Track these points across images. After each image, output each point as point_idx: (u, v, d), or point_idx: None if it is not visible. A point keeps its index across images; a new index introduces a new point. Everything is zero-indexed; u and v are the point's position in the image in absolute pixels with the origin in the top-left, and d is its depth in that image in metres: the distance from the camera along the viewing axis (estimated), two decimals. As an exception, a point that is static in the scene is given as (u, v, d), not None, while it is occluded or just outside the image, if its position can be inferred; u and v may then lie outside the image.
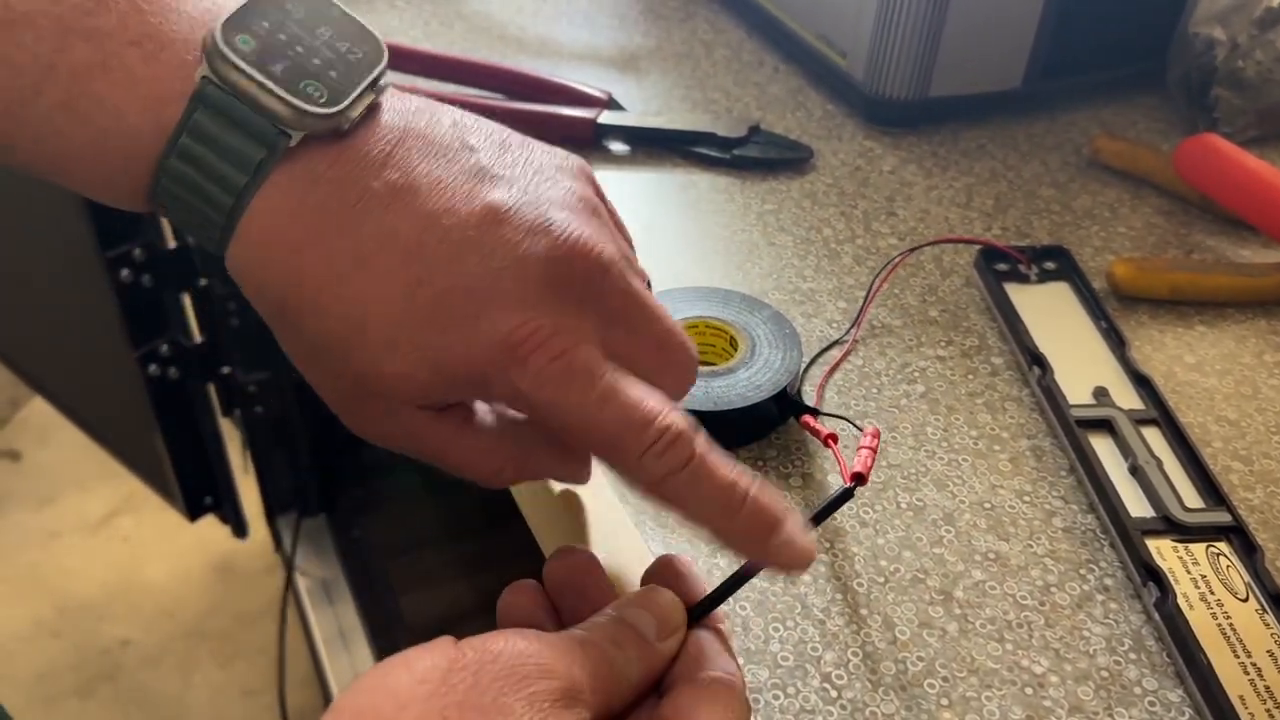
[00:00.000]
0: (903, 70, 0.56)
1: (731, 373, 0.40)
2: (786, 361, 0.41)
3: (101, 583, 1.40)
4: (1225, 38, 0.58)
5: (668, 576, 0.30)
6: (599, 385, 0.28)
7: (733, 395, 0.39)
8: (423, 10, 0.67)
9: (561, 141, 0.33)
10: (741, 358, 0.41)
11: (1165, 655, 0.34)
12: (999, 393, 0.43)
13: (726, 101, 0.60)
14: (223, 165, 0.27)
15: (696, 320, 0.43)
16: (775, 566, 0.29)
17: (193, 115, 0.26)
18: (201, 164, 0.27)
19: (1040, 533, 0.38)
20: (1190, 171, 0.53)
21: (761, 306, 0.43)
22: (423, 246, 0.27)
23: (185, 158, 0.27)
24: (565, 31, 0.66)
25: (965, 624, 0.34)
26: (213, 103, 0.26)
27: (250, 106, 0.26)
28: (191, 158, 0.27)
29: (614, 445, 0.28)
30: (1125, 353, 0.44)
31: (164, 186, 0.27)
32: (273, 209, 0.27)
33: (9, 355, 1.08)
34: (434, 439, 0.30)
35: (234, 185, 0.27)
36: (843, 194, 0.54)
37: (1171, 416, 0.41)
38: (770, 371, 0.40)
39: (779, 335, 0.42)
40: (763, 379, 0.40)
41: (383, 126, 0.28)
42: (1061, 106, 0.62)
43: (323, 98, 0.27)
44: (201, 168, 0.27)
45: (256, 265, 0.28)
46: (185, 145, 0.27)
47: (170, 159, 0.27)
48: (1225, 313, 0.48)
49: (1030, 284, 0.47)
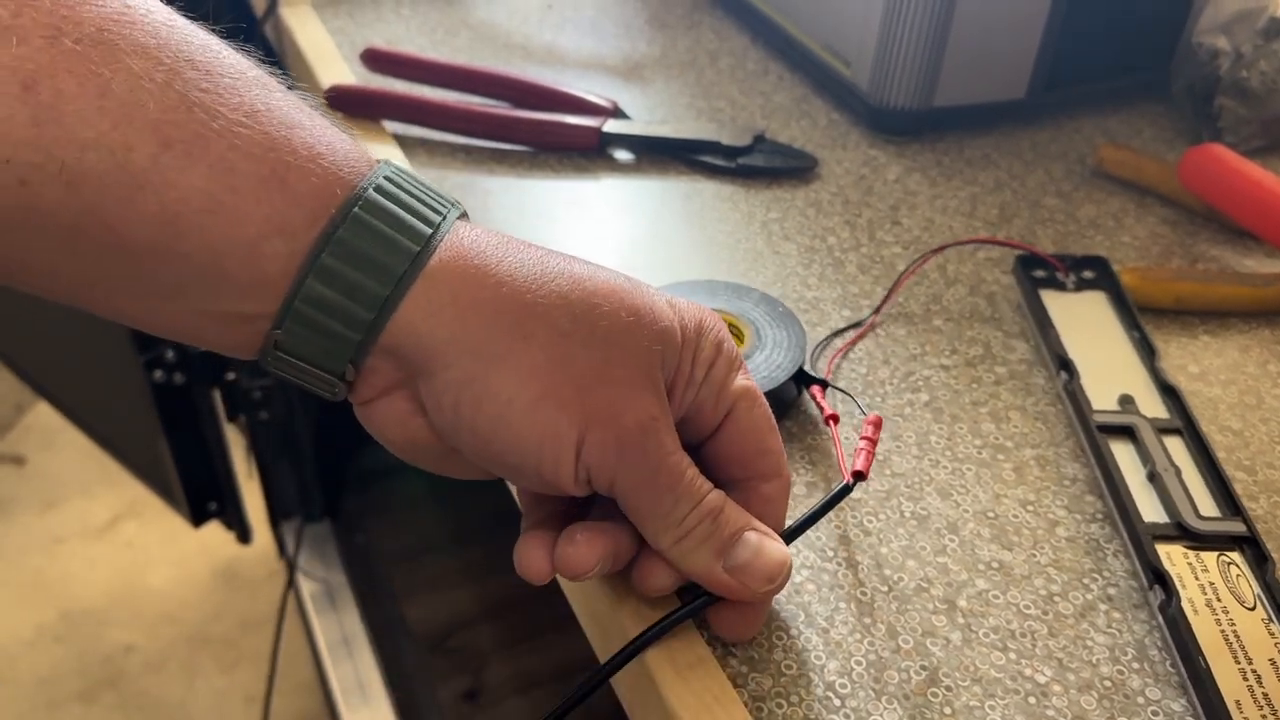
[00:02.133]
0: (907, 79, 0.57)
1: (748, 358, 0.41)
2: (793, 337, 0.42)
3: (105, 588, 1.40)
4: (1230, 48, 0.58)
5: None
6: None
7: (761, 379, 0.40)
8: (429, 19, 0.67)
9: (567, 150, 0.34)
10: (751, 343, 0.42)
11: (1169, 665, 0.34)
12: (1003, 402, 0.43)
13: (731, 110, 0.61)
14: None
15: (721, 314, 0.43)
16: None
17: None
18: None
19: (1044, 542, 0.38)
20: (1195, 181, 0.53)
21: (747, 291, 0.44)
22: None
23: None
24: (570, 40, 0.67)
25: (969, 633, 0.34)
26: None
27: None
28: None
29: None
30: (1155, 363, 0.44)
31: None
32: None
33: (14, 360, 1.09)
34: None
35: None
36: (847, 203, 0.54)
37: (1195, 427, 0.41)
38: (781, 350, 0.41)
39: (776, 315, 0.43)
40: (779, 358, 0.41)
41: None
42: (1066, 116, 0.62)
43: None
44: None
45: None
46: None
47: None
48: (1229, 322, 0.48)
49: (1067, 291, 0.48)
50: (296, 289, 0.28)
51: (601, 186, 0.54)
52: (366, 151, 0.30)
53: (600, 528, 0.32)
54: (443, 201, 0.31)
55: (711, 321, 0.33)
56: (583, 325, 0.30)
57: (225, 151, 0.27)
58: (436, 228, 0.30)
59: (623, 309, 0.31)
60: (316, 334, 0.29)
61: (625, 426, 0.30)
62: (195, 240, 0.27)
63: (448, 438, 0.31)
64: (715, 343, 0.33)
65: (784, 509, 0.34)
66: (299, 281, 0.28)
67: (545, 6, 0.70)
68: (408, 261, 0.29)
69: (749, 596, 0.32)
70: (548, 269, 0.31)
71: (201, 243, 0.27)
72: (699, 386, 0.33)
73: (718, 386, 0.33)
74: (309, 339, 0.29)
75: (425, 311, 0.29)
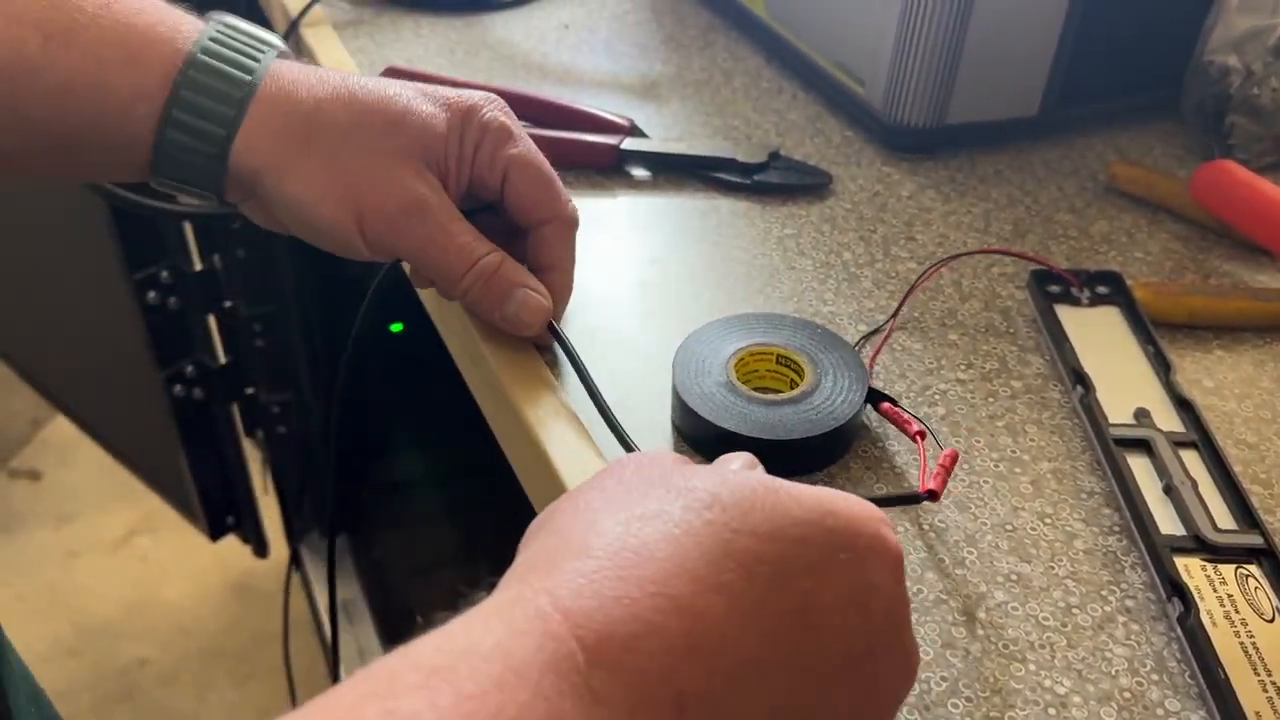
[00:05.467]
0: (920, 97, 0.57)
1: (816, 390, 0.41)
2: (846, 359, 0.42)
3: (119, 602, 1.41)
4: (1240, 65, 0.58)
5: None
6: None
7: (841, 406, 0.40)
8: (448, 39, 0.68)
9: (585, 167, 0.35)
10: (812, 376, 0.42)
11: (1188, 676, 0.34)
12: (1019, 415, 0.44)
13: (746, 128, 0.61)
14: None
15: (768, 349, 0.43)
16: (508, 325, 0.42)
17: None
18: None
19: (1062, 555, 0.38)
20: (1206, 197, 0.53)
21: (780, 319, 0.45)
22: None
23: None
24: (588, 60, 0.68)
25: (988, 645, 0.35)
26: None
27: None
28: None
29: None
30: (1170, 376, 0.44)
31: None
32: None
33: (35, 375, 1.10)
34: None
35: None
36: (862, 219, 0.55)
37: (1211, 440, 0.41)
38: (845, 374, 0.42)
39: (819, 339, 0.43)
40: (846, 381, 0.41)
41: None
42: (1078, 133, 0.63)
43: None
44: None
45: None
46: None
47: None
48: (1243, 337, 0.49)
49: (1081, 306, 0.48)
50: (160, 139, 0.39)
51: (619, 203, 0.55)
52: (197, 20, 0.40)
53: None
54: (260, 46, 0.41)
55: (482, 107, 0.43)
56: (348, 138, 0.40)
57: (92, 41, 0.37)
58: (253, 73, 0.40)
59: (381, 121, 0.40)
60: (181, 167, 0.40)
61: (389, 209, 0.40)
62: (82, 111, 0.38)
63: (285, 229, 0.43)
64: (481, 125, 0.42)
65: (567, 242, 0.45)
66: (159, 133, 0.39)
67: (562, 27, 0.71)
68: (234, 106, 0.39)
69: (526, 332, 0.43)
70: (335, 94, 0.40)
71: (87, 113, 0.38)
72: (471, 162, 0.43)
73: (488, 158, 0.43)
74: (177, 170, 0.40)
75: (247, 143, 0.39)
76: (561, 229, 0.45)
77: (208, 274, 0.90)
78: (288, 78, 0.41)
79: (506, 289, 0.42)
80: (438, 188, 0.42)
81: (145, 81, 0.38)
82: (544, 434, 0.41)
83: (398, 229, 0.41)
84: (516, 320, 0.42)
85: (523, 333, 0.43)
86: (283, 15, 0.69)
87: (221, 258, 0.91)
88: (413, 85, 0.43)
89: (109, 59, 0.37)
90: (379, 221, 0.40)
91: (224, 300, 0.92)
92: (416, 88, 0.43)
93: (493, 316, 0.42)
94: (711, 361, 0.42)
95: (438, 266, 0.42)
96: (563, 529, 0.26)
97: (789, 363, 0.43)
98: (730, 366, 0.42)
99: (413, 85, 0.43)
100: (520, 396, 0.42)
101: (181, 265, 0.87)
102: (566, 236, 0.45)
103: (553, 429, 0.41)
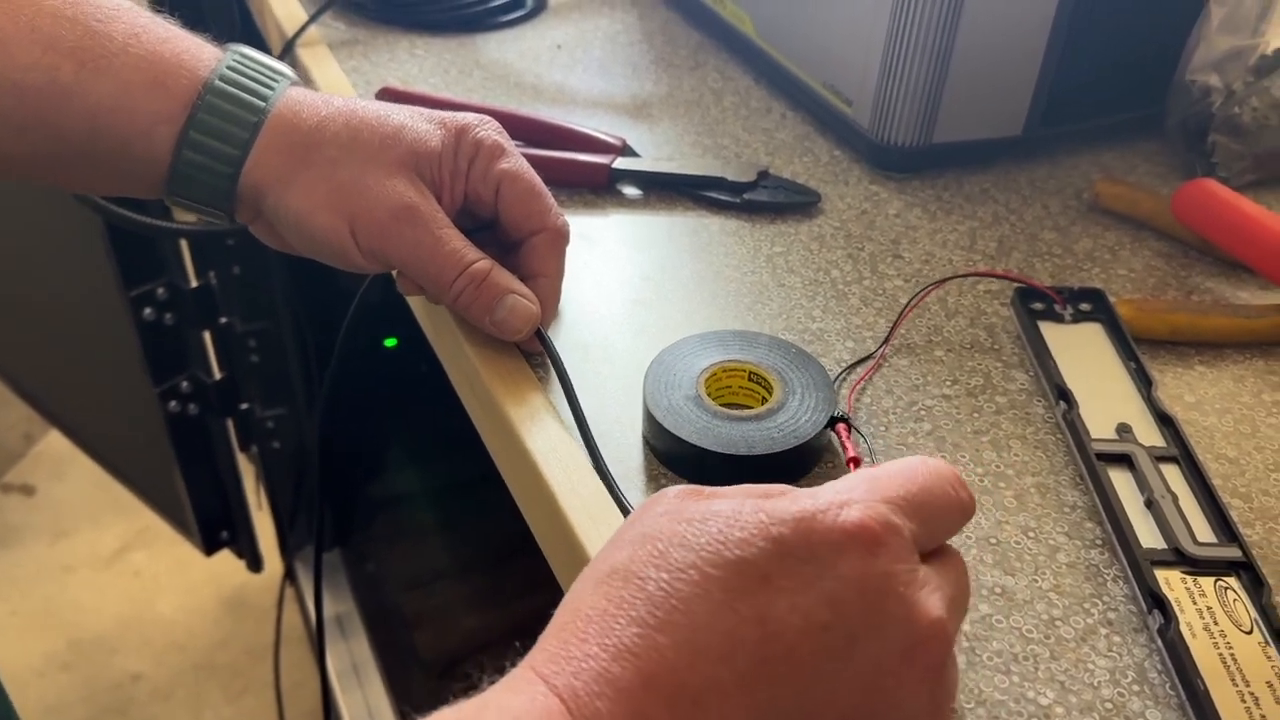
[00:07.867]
0: (907, 117, 0.58)
1: (782, 407, 0.41)
2: (815, 378, 0.43)
3: (113, 616, 1.40)
4: (1221, 85, 0.59)
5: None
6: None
7: (804, 425, 0.41)
8: (442, 59, 0.69)
9: (578, 186, 0.36)
10: (780, 394, 0.42)
11: (1168, 687, 0.35)
12: (1004, 431, 0.44)
13: (736, 147, 0.62)
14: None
15: (741, 365, 0.44)
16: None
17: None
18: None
19: (1045, 568, 0.39)
20: (1189, 215, 0.54)
21: (755, 337, 0.45)
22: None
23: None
24: (580, 80, 0.68)
25: (973, 656, 0.35)
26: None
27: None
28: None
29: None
30: (1151, 392, 0.45)
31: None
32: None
33: (29, 390, 1.10)
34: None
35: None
36: (849, 237, 0.56)
37: (1192, 455, 0.42)
38: (811, 394, 0.42)
39: (792, 358, 0.44)
40: (811, 401, 0.42)
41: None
42: (1063, 152, 0.64)
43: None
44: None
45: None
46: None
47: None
48: (1224, 353, 0.49)
49: (1064, 323, 0.49)
50: (176, 158, 0.42)
51: (611, 221, 0.56)
52: (216, 50, 0.43)
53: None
54: (274, 75, 0.43)
55: (476, 126, 0.45)
56: (345, 151, 0.42)
57: (122, 67, 0.40)
58: (266, 99, 0.42)
59: (377, 136, 0.43)
60: (193, 185, 0.42)
61: (380, 216, 0.42)
62: (110, 132, 0.41)
63: (290, 246, 0.45)
64: (474, 142, 0.45)
65: (557, 252, 0.47)
66: (176, 153, 0.42)
67: (555, 47, 0.72)
68: (248, 130, 0.42)
69: (515, 337, 0.44)
70: (336, 113, 0.43)
71: (114, 133, 0.41)
72: (465, 176, 0.45)
73: (481, 173, 0.45)
74: (189, 189, 0.43)
75: (256, 162, 0.42)
76: (552, 239, 0.47)
77: (203, 290, 0.90)
78: (297, 102, 0.43)
79: (496, 294, 0.43)
80: (428, 196, 0.44)
81: (167, 106, 0.41)
82: (535, 447, 0.41)
83: (388, 234, 0.42)
84: (506, 325, 0.44)
85: (511, 338, 0.44)
86: (279, 35, 0.70)
87: (217, 274, 0.91)
88: (410, 107, 0.45)
89: (136, 84, 0.40)
90: (371, 226, 0.42)
91: (219, 316, 0.93)
92: (413, 109, 0.45)
93: (482, 321, 0.44)
94: (683, 376, 0.43)
95: (428, 271, 0.43)
96: (563, 604, 0.29)
97: (760, 380, 0.43)
98: (701, 382, 0.42)
99: (410, 107, 0.45)
100: (513, 411, 0.43)
101: (178, 282, 0.88)
102: (556, 246, 0.47)
103: (544, 443, 0.42)
